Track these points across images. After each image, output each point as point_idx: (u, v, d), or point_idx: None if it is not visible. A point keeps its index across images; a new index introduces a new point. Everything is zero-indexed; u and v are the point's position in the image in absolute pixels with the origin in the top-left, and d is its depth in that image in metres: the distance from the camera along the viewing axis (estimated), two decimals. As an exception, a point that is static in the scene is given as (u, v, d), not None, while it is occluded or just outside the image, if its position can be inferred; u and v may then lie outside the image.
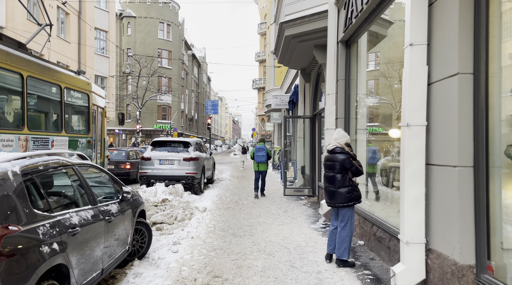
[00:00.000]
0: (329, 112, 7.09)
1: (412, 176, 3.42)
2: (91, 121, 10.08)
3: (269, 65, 23.42)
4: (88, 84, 9.95)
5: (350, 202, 4.67)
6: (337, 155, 4.75)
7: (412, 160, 3.43)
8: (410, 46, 3.43)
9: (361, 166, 4.75)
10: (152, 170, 11.38)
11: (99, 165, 11.02)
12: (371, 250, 5.44)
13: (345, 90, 7.02)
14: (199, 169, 11.60)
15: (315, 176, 10.57)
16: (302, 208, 9.11)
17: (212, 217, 7.92)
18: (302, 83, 11.65)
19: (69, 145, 8.89)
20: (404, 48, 3.56)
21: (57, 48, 22.29)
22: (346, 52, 7.01)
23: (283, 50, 9.41)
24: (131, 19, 48.77)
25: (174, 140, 12.15)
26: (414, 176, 3.42)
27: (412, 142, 3.43)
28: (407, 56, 3.48)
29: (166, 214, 7.40)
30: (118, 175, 14.43)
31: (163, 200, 8.03)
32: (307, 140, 11.48)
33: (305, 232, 6.70)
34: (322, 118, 9.99)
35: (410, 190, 3.42)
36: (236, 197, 10.81)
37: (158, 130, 47.97)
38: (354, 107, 7.00)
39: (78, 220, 3.40)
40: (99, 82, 28.35)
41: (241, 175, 18.43)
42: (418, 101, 3.41)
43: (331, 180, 4.78)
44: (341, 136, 4.86)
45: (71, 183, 3.76)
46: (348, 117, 7.00)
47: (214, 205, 9.32)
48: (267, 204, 9.74)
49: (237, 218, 7.90)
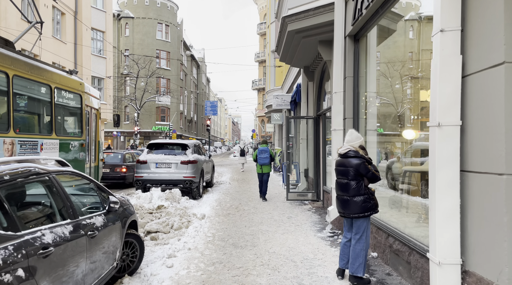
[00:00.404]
0: (336, 111, 6.59)
1: (444, 184, 2.92)
2: (84, 123, 9.58)
3: (269, 65, 22.93)
4: (80, 85, 9.45)
5: (366, 212, 4.16)
6: (350, 159, 4.24)
7: (444, 165, 2.92)
8: (440, 32, 2.93)
9: (378, 171, 4.25)
10: (148, 174, 10.86)
11: (94, 168, 10.51)
12: (387, 264, 4.92)
13: (353, 88, 6.52)
14: (197, 172, 11.08)
15: (319, 180, 10.06)
16: (307, 214, 8.60)
17: (211, 224, 7.40)
18: (305, 82, 11.15)
19: (60, 148, 8.38)
20: (433, 35, 3.06)
21: (52, 49, 21.81)
22: (354, 47, 6.52)
23: (286, 47, 8.91)
24: (129, 19, 48.33)
25: (171, 143, 11.63)
26: (446, 184, 2.92)
27: (444, 145, 2.92)
28: (437, 44, 2.98)
29: (161, 222, 6.89)
30: (114, 178, 13.93)
31: (159, 207, 7.52)
32: (311, 142, 10.98)
33: (311, 242, 6.18)
34: (326, 119, 9.50)
35: (443, 201, 2.92)
36: (236, 202, 10.29)
37: (157, 132, 47.45)
38: (363, 106, 6.50)
39: (52, 239, 2.89)
40: (96, 84, 27.85)
41: (241, 178, 17.91)
42: (451, 97, 2.91)
43: (345, 188, 4.28)
44: (355, 138, 4.35)
45: (46, 194, 3.25)
46: (357, 117, 6.50)
47: (213, 211, 8.81)
48: (269, 209, 9.22)
49: (237, 225, 7.39)
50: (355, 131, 4.43)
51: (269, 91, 23.13)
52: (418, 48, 5.30)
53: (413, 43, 5.51)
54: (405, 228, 4.57)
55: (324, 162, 9.52)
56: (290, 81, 16.43)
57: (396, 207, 5.58)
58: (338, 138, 6.57)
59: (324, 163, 9.52)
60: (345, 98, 6.57)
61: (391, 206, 5.66)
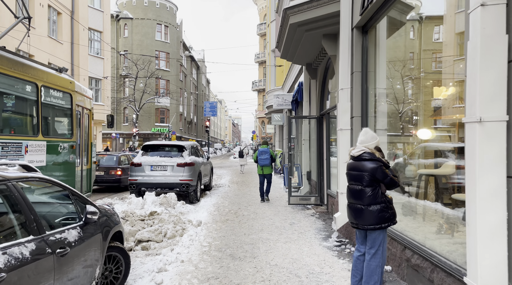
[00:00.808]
0: (343, 110, 6.05)
1: (487, 194, 2.39)
2: (75, 124, 9.04)
3: (270, 65, 22.40)
4: (71, 83, 8.92)
5: (382, 224, 3.62)
6: (365, 162, 3.70)
7: (487, 170, 2.39)
8: (481, 7, 2.39)
9: (397, 176, 3.71)
10: (143, 177, 10.31)
11: (86, 171, 9.98)
12: (403, 279, 4.38)
13: (361, 84, 5.99)
14: (194, 175, 10.54)
15: (322, 183, 9.52)
16: (310, 220, 8.05)
17: (208, 232, 6.86)
18: (307, 80, 10.62)
19: (48, 150, 7.84)
20: (469, 12, 2.53)
21: (48, 49, 21.32)
22: (362, 39, 5.99)
23: (287, 43, 8.38)
24: (128, 20, 47.89)
25: (167, 144, 11.09)
26: (490, 194, 2.39)
27: (487, 145, 2.39)
28: (476, 22, 2.45)
29: (154, 230, 6.34)
30: (108, 181, 13.40)
31: (151, 213, 6.98)
32: (313, 143, 10.44)
33: (317, 252, 5.64)
34: (330, 119, 8.96)
35: (485, 215, 2.38)
36: (235, 206, 9.75)
37: (156, 133, 46.93)
38: (372, 103, 5.97)
39: (5, 262, 2.35)
40: (93, 84, 27.35)
41: (240, 180, 17.36)
42: (494, 86, 2.39)
43: (358, 195, 3.73)
44: (370, 139, 3.80)
45: (2, 206, 2.71)
46: (366, 115, 5.96)
47: (210, 217, 8.26)
48: (270, 214, 8.68)
49: (236, 233, 6.84)
50: (370, 131, 3.88)
51: (269, 92, 22.60)
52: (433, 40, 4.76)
53: (427, 34, 4.98)
54: (425, 240, 4.02)
55: (328, 163, 8.98)
56: (291, 81, 15.90)
57: (411, 215, 5.04)
58: (345, 138, 6.03)
59: (328, 165, 8.98)
60: (353, 95, 6.03)
61: (405, 213, 5.11)
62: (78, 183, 9.36)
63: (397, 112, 5.66)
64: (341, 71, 6.07)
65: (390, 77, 5.74)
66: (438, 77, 4.81)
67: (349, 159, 3.93)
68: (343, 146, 6.02)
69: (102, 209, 4.04)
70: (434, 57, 4.95)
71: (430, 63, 4.91)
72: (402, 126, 5.52)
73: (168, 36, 50.07)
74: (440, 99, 4.74)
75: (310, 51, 8.57)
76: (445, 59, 4.46)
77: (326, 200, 9.30)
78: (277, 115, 20.62)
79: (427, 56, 5.04)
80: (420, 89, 5.09)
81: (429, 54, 5.01)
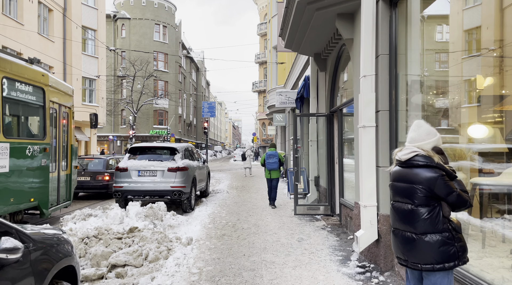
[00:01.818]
0: (366, 102, 4.85)
1: None
2: (49, 123, 7.85)
3: (271, 62, 21.22)
4: (43, 76, 7.74)
5: (446, 263, 2.42)
6: (418, 170, 2.51)
7: None
8: None
9: (467, 191, 2.51)
10: (129, 184, 9.10)
11: (65, 177, 8.79)
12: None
13: (389, 69, 4.80)
14: (188, 181, 9.34)
15: (333, 189, 8.32)
16: (321, 235, 6.85)
17: (199, 252, 5.65)
18: (314, 73, 9.43)
19: (12, 153, 6.65)
20: None
21: (38, 47, 20.20)
22: (390, 14, 4.80)
23: (293, 27, 7.20)
24: (125, 20, 46.88)
25: (157, 146, 9.89)
26: None
27: None
28: None
29: (132, 252, 5.14)
30: (95, 188, 12.21)
31: (131, 229, 5.76)
32: (322, 144, 9.24)
33: (336, 283, 4.43)
34: (343, 116, 7.77)
35: None
36: (234, 217, 8.54)
37: (155, 136, 45.79)
38: (404, 94, 4.77)
39: None
40: (87, 85, 26.20)
41: (240, 185, 16.15)
42: None
43: (408, 218, 2.54)
44: (425, 135, 2.60)
45: None
46: (395, 109, 4.76)
47: (204, 232, 7.04)
48: (274, 227, 7.47)
49: (234, 254, 5.63)
50: (425, 124, 2.67)
51: (270, 91, 21.42)
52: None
53: None
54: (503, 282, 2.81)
55: (341, 168, 7.78)
56: (294, 77, 14.72)
57: (469, 241, 3.82)
58: (368, 138, 4.84)
59: (341, 169, 7.78)
60: (378, 84, 4.83)
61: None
62: (54, 191, 8.17)
63: (437, 104, 4.45)
64: (363, 55, 4.88)
65: (427, 61, 4.55)
66: (497, 54, 3.62)
67: (394, 165, 2.73)
68: (366, 146, 4.82)
69: (39, 238, 2.84)
70: (491, 31, 3.76)
71: (488, 38, 3.72)
72: (445, 122, 4.32)
73: (167, 36, 49.03)
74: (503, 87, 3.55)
75: (320, 37, 7.38)
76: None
77: (338, 209, 8.09)
78: (279, 115, 19.44)
79: (479, 31, 3.85)
80: (473, 72, 3.90)
81: (485, 28, 3.82)
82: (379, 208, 4.79)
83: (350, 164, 7.36)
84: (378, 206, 4.79)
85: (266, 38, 39.40)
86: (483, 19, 3.79)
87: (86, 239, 5.43)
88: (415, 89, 4.71)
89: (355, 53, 5.77)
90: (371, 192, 4.79)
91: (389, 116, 4.79)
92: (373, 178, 4.80)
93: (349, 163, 7.42)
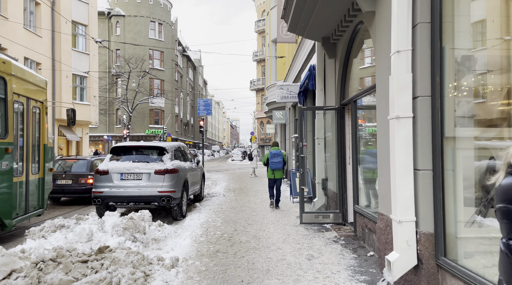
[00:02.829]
0: (400, 85, 3.72)
1: None
2: (11, 119, 6.69)
3: (270, 56, 20.06)
4: (4, 63, 6.59)
5: None
6: None
7: None
8: None
9: None
10: (110, 189, 7.94)
11: (36, 181, 7.63)
12: None
13: (432, 42, 3.66)
14: (178, 185, 8.19)
15: (345, 195, 7.18)
16: (335, 250, 5.71)
17: (186, 278, 4.49)
18: (321, 61, 8.28)
19: (-37, 154, 5.49)
20: None
21: (24, 42, 19.02)
22: (432, -31, 3.66)
23: (299, 4, 6.06)
24: (120, 18, 45.68)
25: (144, 146, 8.71)
26: None
27: None
28: None
29: (98, 280, 4.00)
30: (78, 192, 11.04)
31: (100, 250, 4.60)
32: (331, 142, 8.11)
33: (365, 326, 3.29)
34: (357, 110, 6.64)
35: None
36: (230, 227, 7.39)
37: (150, 135, 44.61)
38: (451, 75, 3.63)
39: None
40: (78, 82, 24.97)
41: (238, 187, 14.99)
42: None
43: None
44: None
45: None
46: (440, 95, 3.62)
47: (194, 247, 5.88)
48: (278, 240, 6.34)
49: (229, 280, 4.48)
50: None
51: (269, 86, 20.26)
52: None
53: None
54: None
55: (355, 169, 6.64)
56: (296, 70, 13.57)
57: None
58: (404, 133, 3.70)
59: (355, 171, 6.64)
60: (417, 62, 3.70)
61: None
62: (21, 198, 7.00)
63: (498, 87, 3.31)
64: (396, 24, 3.73)
65: (484, 30, 3.42)
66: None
67: (503, 174, 1.59)
68: (400, 144, 3.69)
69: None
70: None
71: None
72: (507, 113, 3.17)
73: (162, 34, 47.85)
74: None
75: (330, 16, 6.23)
76: None
77: (351, 217, 6.96)
78: (278, 112, 18.29)
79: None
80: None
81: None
82: (418, 224, 3.65)
83: (368, 165, 6.23)
84: (418, 221, 3.65)
85: (264, 35, 38.28)
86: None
87: (41, 263, 4.27)
88: (466, 67, 3.58)
89: (378, 28, 4.63)
90: (407, 203, 3.66)
91: (431, 104, 3.65)
92: (410, 185, 3.67)
93: (367, 164, 6.29)
